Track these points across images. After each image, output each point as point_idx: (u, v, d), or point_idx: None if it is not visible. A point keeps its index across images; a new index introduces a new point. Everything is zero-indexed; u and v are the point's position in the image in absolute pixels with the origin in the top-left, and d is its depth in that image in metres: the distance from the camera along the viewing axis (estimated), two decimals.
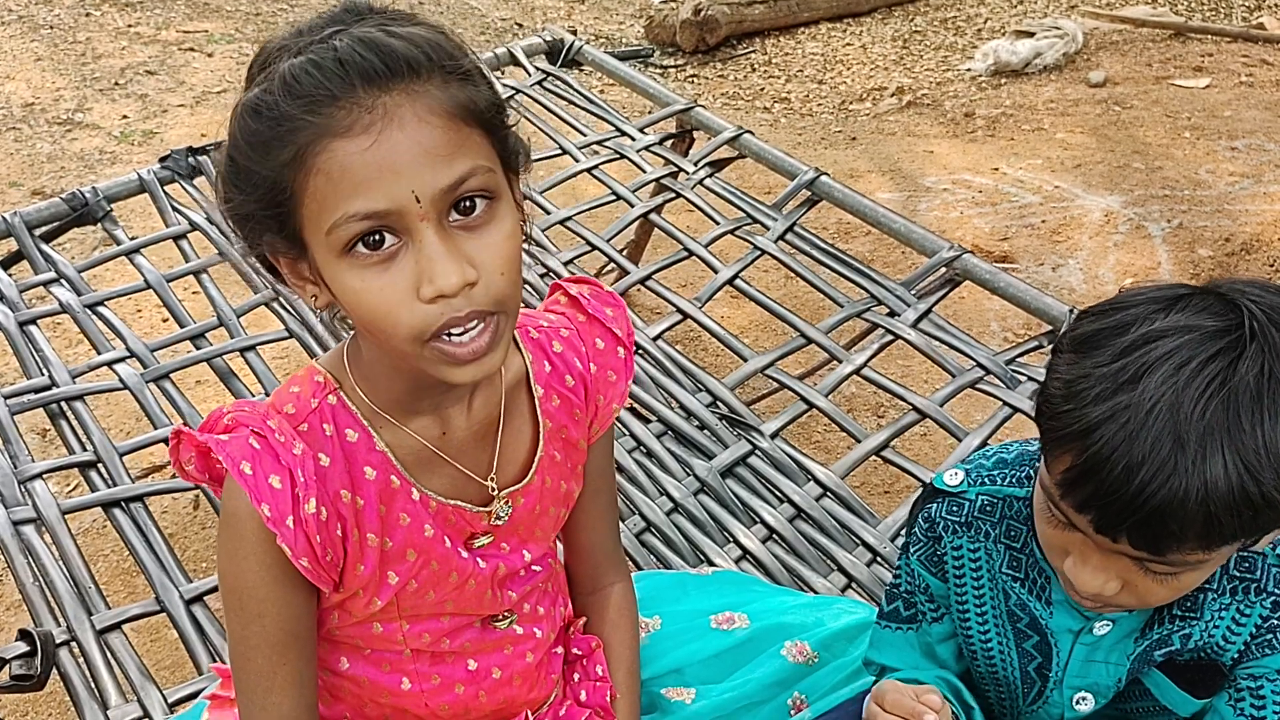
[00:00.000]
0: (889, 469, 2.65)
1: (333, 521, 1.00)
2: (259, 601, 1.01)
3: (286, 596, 1.02)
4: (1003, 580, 1.15)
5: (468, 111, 0.90)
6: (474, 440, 1.09)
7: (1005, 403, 1.97)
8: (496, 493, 1.11)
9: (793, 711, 1.38)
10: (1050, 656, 1.15)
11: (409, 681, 1.15)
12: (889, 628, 1.27)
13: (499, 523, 1.12)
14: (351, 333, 1.06)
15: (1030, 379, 2.02)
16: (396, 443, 1.05)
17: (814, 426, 2.80)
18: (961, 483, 1.16)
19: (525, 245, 0.98)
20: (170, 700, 1.49)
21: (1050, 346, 2.07)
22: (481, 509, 1.10)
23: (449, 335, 0.90)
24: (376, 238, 0.87)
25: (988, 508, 1.15)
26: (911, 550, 1.21)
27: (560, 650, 1.30)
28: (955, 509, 1.16)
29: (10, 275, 2.25)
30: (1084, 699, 1.15)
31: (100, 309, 2.18)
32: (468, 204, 0.89)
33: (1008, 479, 1.15)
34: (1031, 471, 1.14)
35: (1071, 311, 2.10)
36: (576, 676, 1.31)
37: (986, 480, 1.16)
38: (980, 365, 2.05)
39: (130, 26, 5.28)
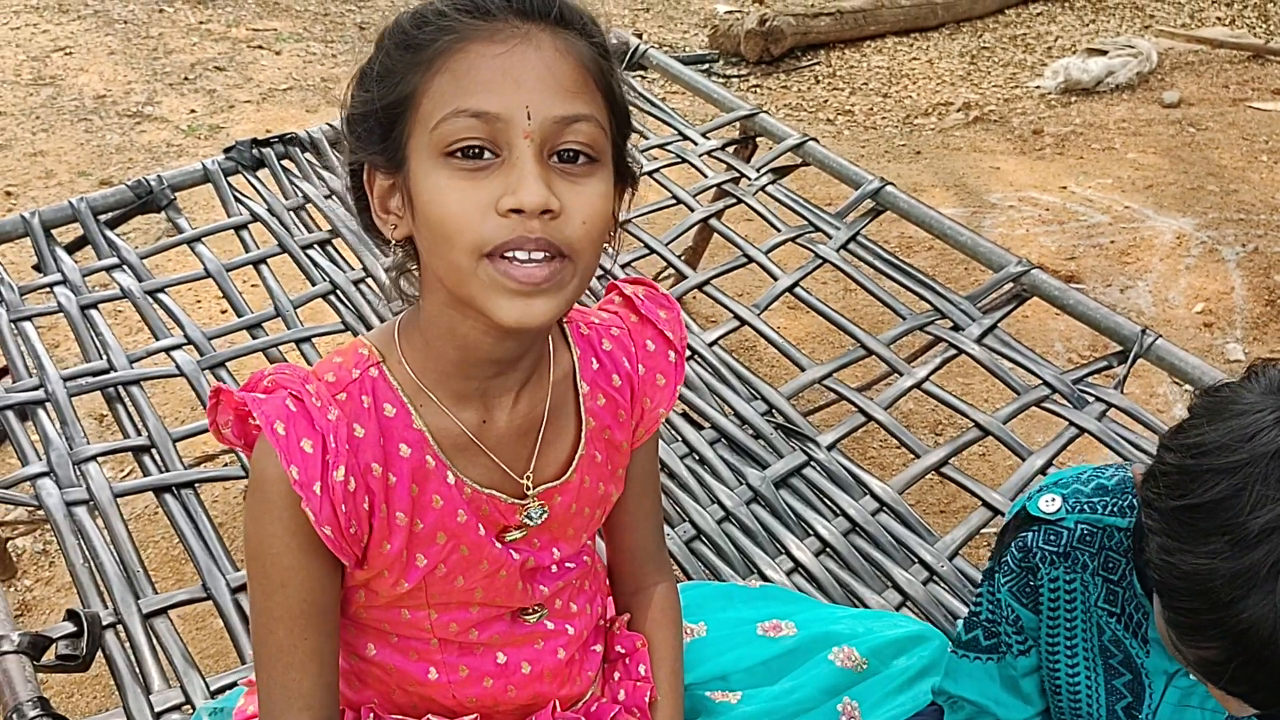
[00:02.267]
0: (945, 488, 2.59)
1: (360, 493, 0.99)
2: (283, 570, 0.99)
3: (310, 566, 1.00)
4: (1097, 614, 1.09)
5: (600, 73, 0.93)
6: (515, 434, 1.07)
7: (1072, 423, 1.91)
8: (532, 490, 1.08)
9: (844, 719, 1.34)
10: (1141, 698, 1.09)
11: (436, 671, 1.13)
12: (966, 657, 1.21)
13: (531, 523, 1.09)
14: (401, 309, 1.05)
15: (1099, 399, 1.96)
16: (435, 424, 1.03)
17: (870, 441, 2.75)
18: (1059, 510, 1.09)
19: None
20: (212, 688, 1.48)
21: (1117, 372, 2.01)
22: (516, 501, 1.08)
23: (510, 254, 0.88)
24: (476, 149, 0.88)
25: (1087, 537, 1.07)
26: (1002, 581, 1.14)
27: (600, 649, 1.27)
28: (1053, 538, 1.09)
29: (74, 260, 2.27)
30: None
31: (160, 296, 2.19)
32: (571, 153, 0.90)
33: (1109, 507, 1.07)
34: (1135, 501, 1.06)
35: (1144, 332, 2.03)
36: (617, 675, 1.28)
37: (1086, 508, 1.08)
38: (1047, 384, 1.99)
39: (202, 23, 5.37)
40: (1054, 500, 1.10)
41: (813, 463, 1.90)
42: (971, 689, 1.20)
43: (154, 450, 1.86)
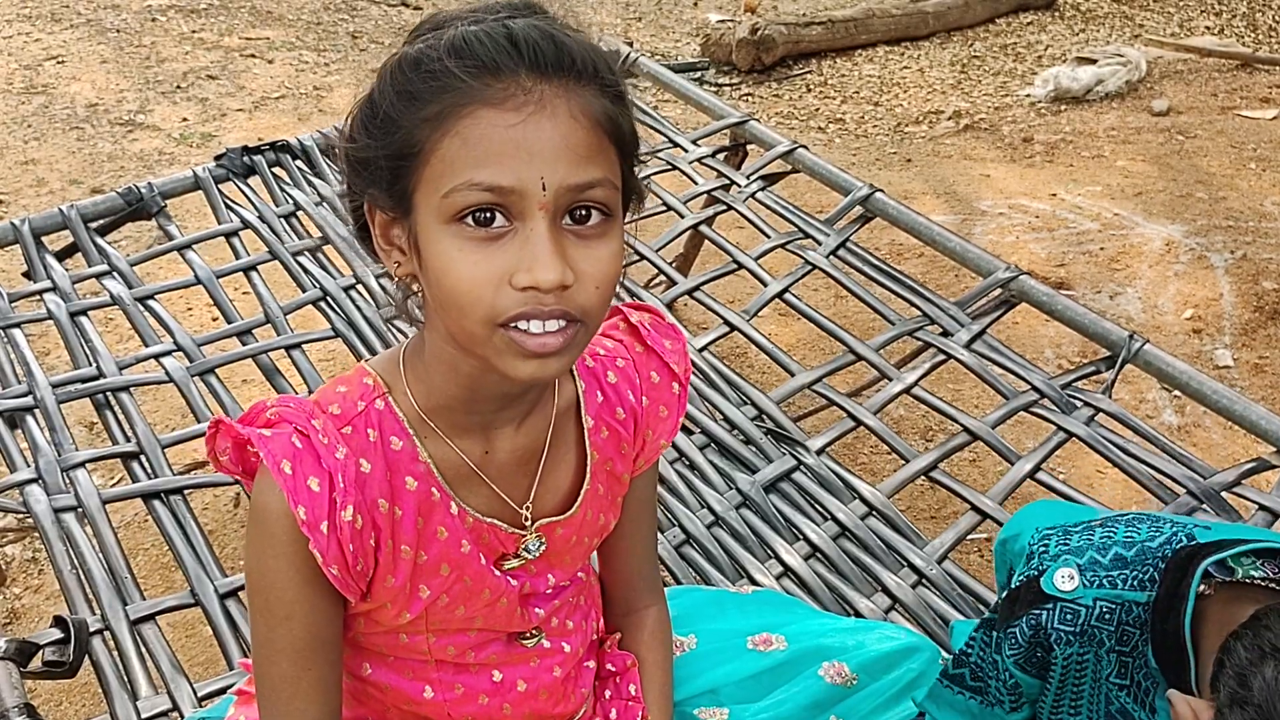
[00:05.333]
0: (936, 494, 2.59)
1: (367, 531, 0.97)
2: (287, 604, 0.98)
3: (315, 600, 0.99)
4: (1107, 687, 1.07)
5: (614, 127, 0.90)
6: (515, 464, 1.06)
7: (1060, 427, 1.92)
8: (530, 521, 1.08)
9: None
10: None
11: (432, 690, 1.12)
12: (950, 688, 1.20)
13: (530, 555, 1.09)
14: (408, 336, 1.04)
15: (1087, 404, 1.96)
16: (439, 456, 1.02)
17: (860, 448, 2.75)
18: (1077, 588, 1.04)
19: None
20: (200, 695, 1.47)
21: (1106, 378, 2.02)
22: (516, 531, 1.08)
23: (525, 325, 0.87)
24: (488, 214, 0.85)
25: (1106, 615, 1.03)
26: (1007, 652, 1.10)
27: (592, 665, 1.27)
28: (1069, 617, 1.05)
29: (64, 267, 2.27)
30: None
31: (150, 302, 2.18)
32: (584, 212, 0.88)
33: (1129, 581, 1.04)
34: (1155, 573, 1.03)
35: (1131, 337, 2.04)
36: (608, 694, 1.28)
37: (1105, 583, 1.04)
38: (1035, 388, 2.00)
39: (194, 32, 5.37)
40: (1071, 577, 1.05)
41: (802, 467, 1.90)
42: (951, 719, 1.20)
43: (143, 457, 1.85)
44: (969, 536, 1.85)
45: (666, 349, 1.18)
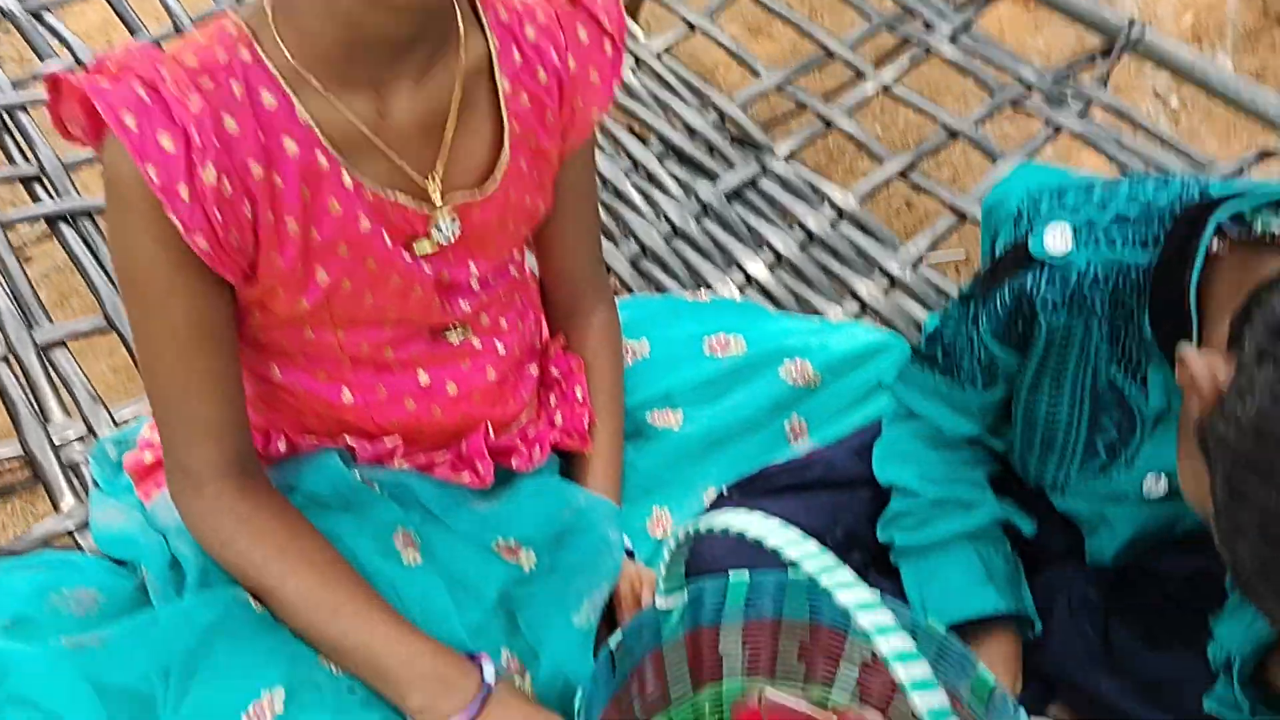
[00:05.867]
0: (913, 211, 2.45)
1: (239, 198, 0.84)
2: (160, 286, 0.87)
3: (192, 284, 0.87)
4: (1094, 358, 0.95)
5: None
6: (418, 131, 0.92)
7: (1048, 120, 1.76)
8: (440, 201, 0.94)
9: (791, 438, 1.25)
10: (1128, 435, 0.97)
11: (350, 393, 1.01)
12: (920, 368, 1.09)
13: (441, 236, 0.96)
14: None
15: (1077, 96, 1.80)
16: (323, 117, 0.87)
17: (833, 168, 2.59)
18: (1070, 249, 0.90)
19: None
20: (119, 420, 1.37)
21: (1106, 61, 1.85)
22: (424, 206, 0.94)
23: None
24: None
25: (1101, 279, 0.89)
26: (985, 324, 0.98)
27: (535, 370, 1.16)
28: (1059, 282, 0.91)
29: None
30: (1159, 481, 0.98)
31: (44, 15, 1.96)
32: None
33: (1129, 240, 0.89)
34: (1160, 232, 0.88)
35: (1131, 23, 1.85)
36: (553, 399, 1.18)
37: (1103, 242, 0.90)
38: (1023, 82, 1.83)
39: None
40: (1063, 234, 0.90)
41: (768, 173, 1.75)
42: (919, 402, 1.10)
43: (45, 179, 1.69)
44: (947, 259, 1.73)
45: (597, 2, 1.01)
